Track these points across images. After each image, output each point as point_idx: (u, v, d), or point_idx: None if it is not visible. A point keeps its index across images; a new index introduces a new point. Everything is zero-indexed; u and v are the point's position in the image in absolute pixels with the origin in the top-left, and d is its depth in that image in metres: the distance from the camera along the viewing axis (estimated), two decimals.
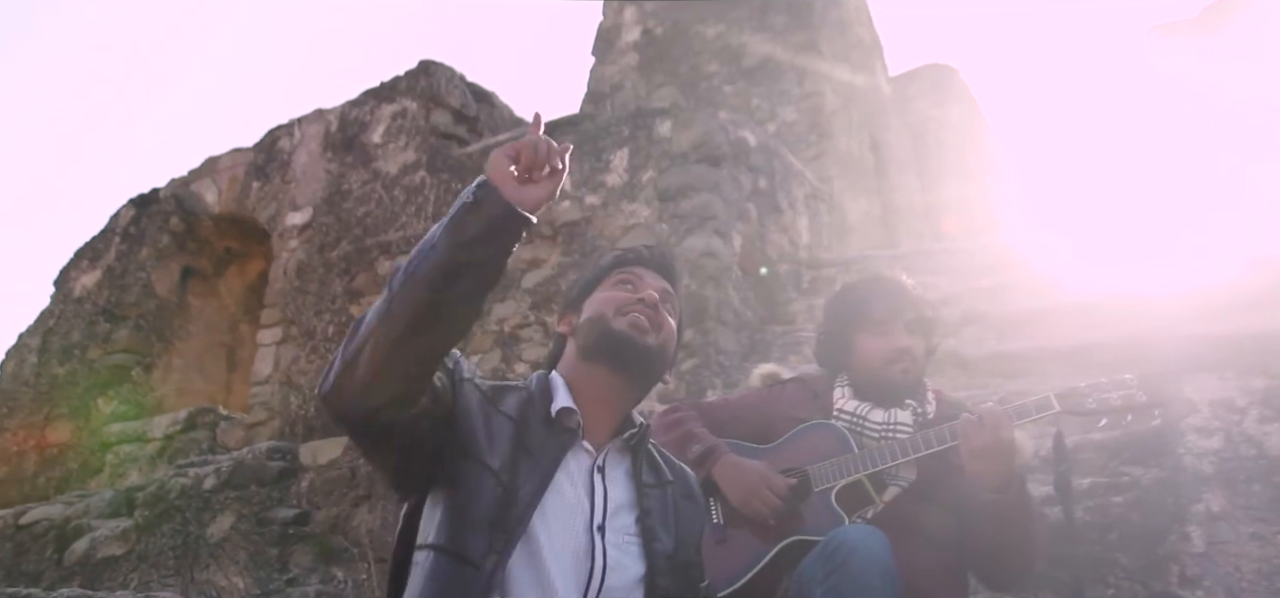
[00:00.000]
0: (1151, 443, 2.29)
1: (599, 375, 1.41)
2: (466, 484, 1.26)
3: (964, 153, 11.97)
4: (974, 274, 4.85)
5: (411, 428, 1.21)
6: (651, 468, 1.47)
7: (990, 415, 1.72)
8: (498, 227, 1.17)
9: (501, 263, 1.19)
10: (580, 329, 1.44)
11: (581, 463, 1.36)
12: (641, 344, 1.40)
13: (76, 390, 6.41)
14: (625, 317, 1.41)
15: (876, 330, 2.01)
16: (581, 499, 1.32)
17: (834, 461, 1.91)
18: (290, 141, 6.61)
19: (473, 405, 1.31)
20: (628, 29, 9.13)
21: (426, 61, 6.33)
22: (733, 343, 4.67)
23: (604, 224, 5.11)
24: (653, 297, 1.43)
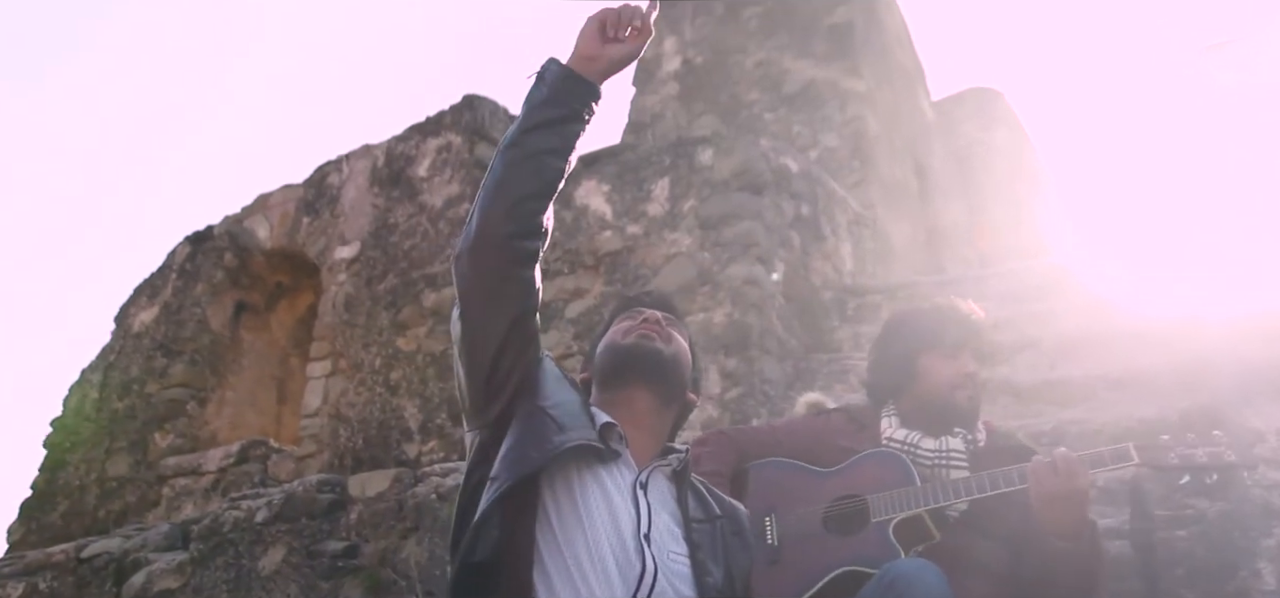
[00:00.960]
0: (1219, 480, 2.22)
1: (623, 398, 1.48)
2: (527, 422, 1.36)
3: (1010, 176, 11.79)
4: (1024, 298, 4.77)
5: (518, 325, 1.38)
6: (699, 502, 1.48)
7: (1064, 462, 1.67)
8: (559, 90, 1.39)
9: (572, 123, 1.40)
10: (597, 365, 1.55)
11: (625, 478, 1.39)
12: (651, 349, 1.49)
13: (135, 424, 6.58)
14: (631, 335, 1.51)
15: (947, 354, 1.98)
16: (626, 510, 1.34)
17: (895, 492, 1.87)
18: (339, 177, 6.76)
19: (549, 371, 1.45)
20: (667, 59, 9.20)
21: (470, 96, 6.44)
22: (777, 371, 4.63)
23: (646, 253, 5.13)
24: (655, 315, 1.54)
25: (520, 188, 1.36)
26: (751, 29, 8.74)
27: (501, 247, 1.35)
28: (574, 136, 1.41)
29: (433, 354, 5.65)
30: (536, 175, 1.37)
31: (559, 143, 1.39)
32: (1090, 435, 2.77)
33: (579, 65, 1.41)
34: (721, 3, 9.09)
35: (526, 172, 1.37)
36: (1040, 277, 5.07)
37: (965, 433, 1.96)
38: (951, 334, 2.00)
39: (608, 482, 1.36)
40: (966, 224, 10.26)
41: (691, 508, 1.44)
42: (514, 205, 1.35)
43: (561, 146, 1.39)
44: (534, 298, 1.42)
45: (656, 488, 1.42)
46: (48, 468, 6.83)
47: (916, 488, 1.86)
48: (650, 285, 5.01)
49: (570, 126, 1.40)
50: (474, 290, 1.39)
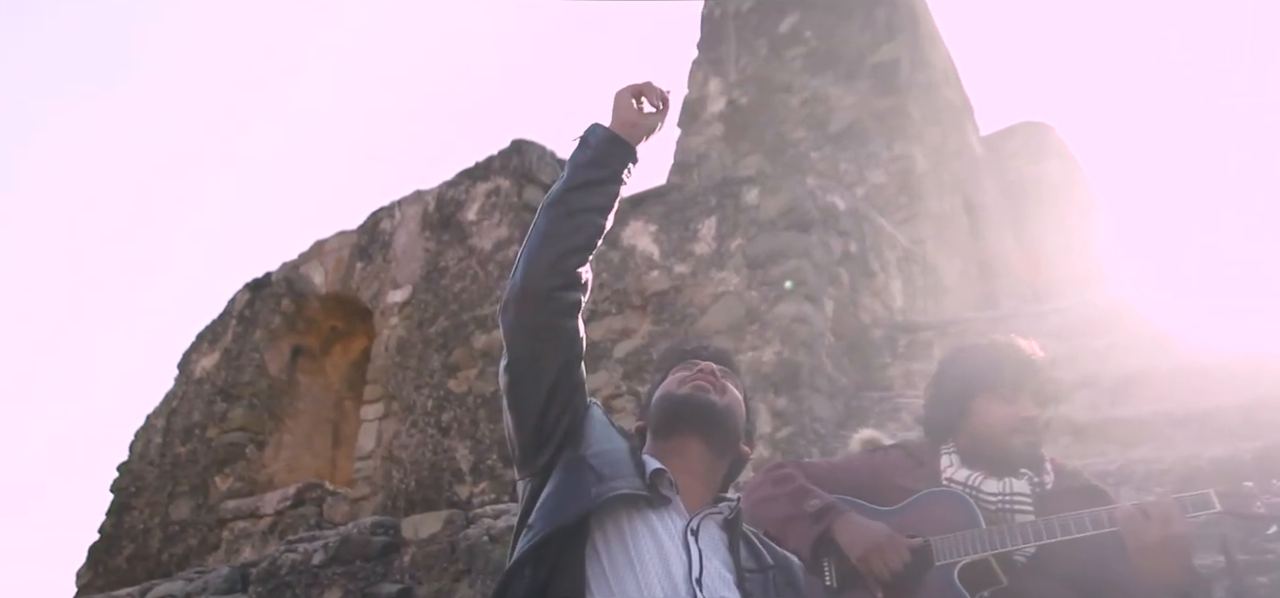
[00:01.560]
0: None
1: (676, 447, 1.49)
2: (568, 472, 1.39)
3: (1063, 209, 11.58)
4: (1081, 334, 4.66)
5: (563, 375, 1.43)
6: (751, 552, 1.47)
7: (1158, 509, 1.59)
8: (603, 152, 1.48)
9: (613, 184, 1.48)
10: (651, 414, 1.57)
11: (676, 524, 1.39)
12: (705, 400, 1.51)
13: (196, 468, 6.75)
14: (686, 386, 1.54)
15: (1003, 396, 1.91)
16: (678, 556, 1.35)
17: (960, 534, 1.80)
18: (391, 222, 6.91)
19: (596, 420, 1.48)
20: (712, 100, 9.27)
21: (518, 140, 6.55)
22: (827, 410, 4.59)
23: (693, 293, 5.14)
24: (710, 366, 1.56)
25: (564, 242, 1.43)
26: (796, 68, 8.78)
27: (546, 299, 1.41)
28: (614, 196, 1.49)
29: (483, 396, 5.71)
30: (579, 231, 1.44)
31: (602, 201, 1.47)
32: (1158, 476, 2.68)
33: (620, 130, 1.50)
34: (765, 43, 9.15)
35: (570, 227, 1.44)
36: (1097, 311, 4.95)
37: (1031, 475, 1.90)
38: (1008, 375, 1.92)
39: (658, 527, 1.36)
40: (1018, 258, 10.09)
41: (744, 558, 1.44)
42: (558, 259, 1.42)
43: (603, 205, 1.47)
44: (578, 347, 1.46)
45: (708, 535, 1.42)
46: (114, 512, 7.03)
47: (982, 531, 1.81)
48: (698, 324, 5.01)
49: (611, 186, 1.49)
50: (520, 341, 1.44)
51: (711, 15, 9.79)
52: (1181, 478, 2.40)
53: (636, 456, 1.46)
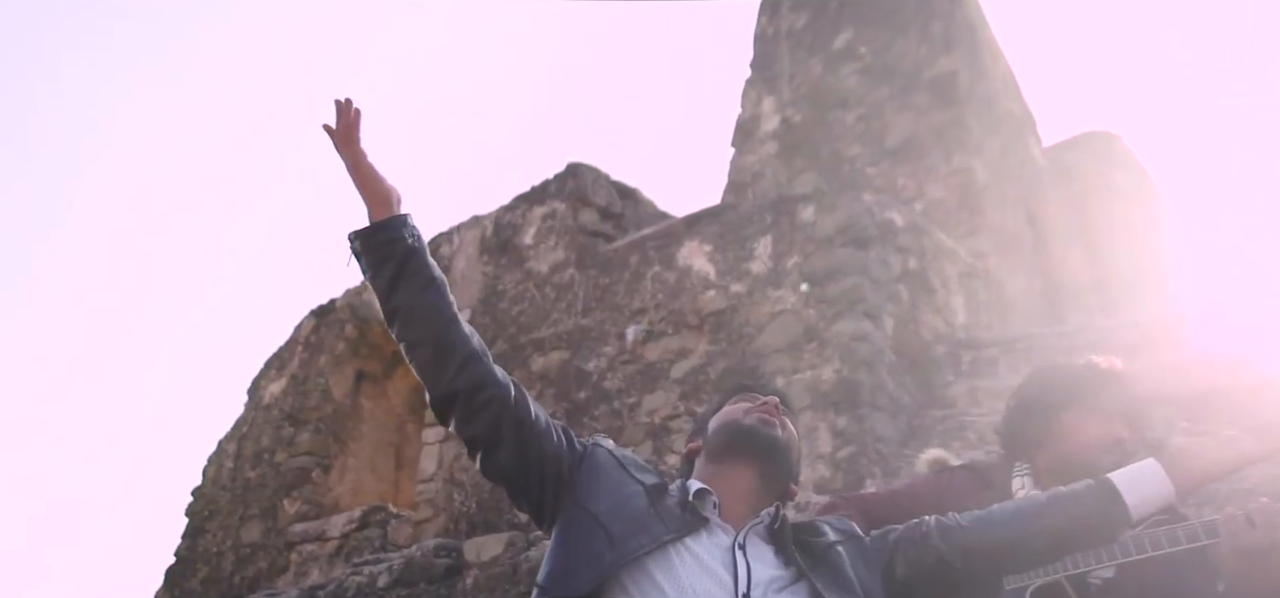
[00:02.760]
0: None
1: (730, 472, 1.46)
2: (574, 531, 1.36)
3: (1131, 220, 11.23)
4: (1155, 349, 4.50)
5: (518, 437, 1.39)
6: (807, 552, 1.42)
7: (1263, 514, 1.52)
8: (373, 250, 1.42)
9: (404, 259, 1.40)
10: (710, 439, 1.53)
11: (719, 541, 1.37)
12: (769, 433, 1.48)
13: (266, 493, 6.93)
14: (752, 416, 1.50)
15: (1098, 412, 1.85)
16: (721, 574, 1.32)
17: None
18: (450, 248, 7.03)
19: (601, 465, 1.43)
20: (766, 119, 9.24)
21: (573, 164, 6.63)
22: (890, 429, 4.51)
23: (750, 312, 5.11)
24: (774, 401, 1.54)
25: (425, 347, 1.39)
26: (850, 85, 8.71)
27: (452, 400, 1.39)
28: (416, 262, 1.41)
29: None
30: (426, 322, 1.39)
31: (414, 281, 1.40)
32: (1242, 493, 2.57)
33: (373, 213, 1.43)
34: (820, 60, 9.10)
35: (417, 327, 1.40)
36: (1169, 326, 4.78)
37: None
38: (1106, 396, 1.86)
39: (697, 551, 1.34)
40: (1085, 272, 9.80)
41: (804, 561, 1.39)
42: (431, 363, 1.39)
43: (417, 279, 1.40)
44: (515, 407, 1.40)
45: (754, 548, 1.39)
46: (189, 535, 7.26)
47: None
48: (755, 344, 4.98)
49: (407, 263, 1.41)
50: (463, 435, 1.43)
51: (764, 34, 9.78)
52: (1266, 494, 2.30)
53: (658, 494, 1.40)
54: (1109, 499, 1.41)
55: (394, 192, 1.45)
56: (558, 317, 6.04)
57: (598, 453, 1.46)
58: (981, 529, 1.46)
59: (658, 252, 5.71)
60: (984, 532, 1.46)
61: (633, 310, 5.63)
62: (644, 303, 5.59)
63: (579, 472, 1.42)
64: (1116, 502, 1.40)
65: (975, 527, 1.47)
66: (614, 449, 1.49)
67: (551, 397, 5.77)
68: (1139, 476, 1.43)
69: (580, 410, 5.58)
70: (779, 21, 9.66)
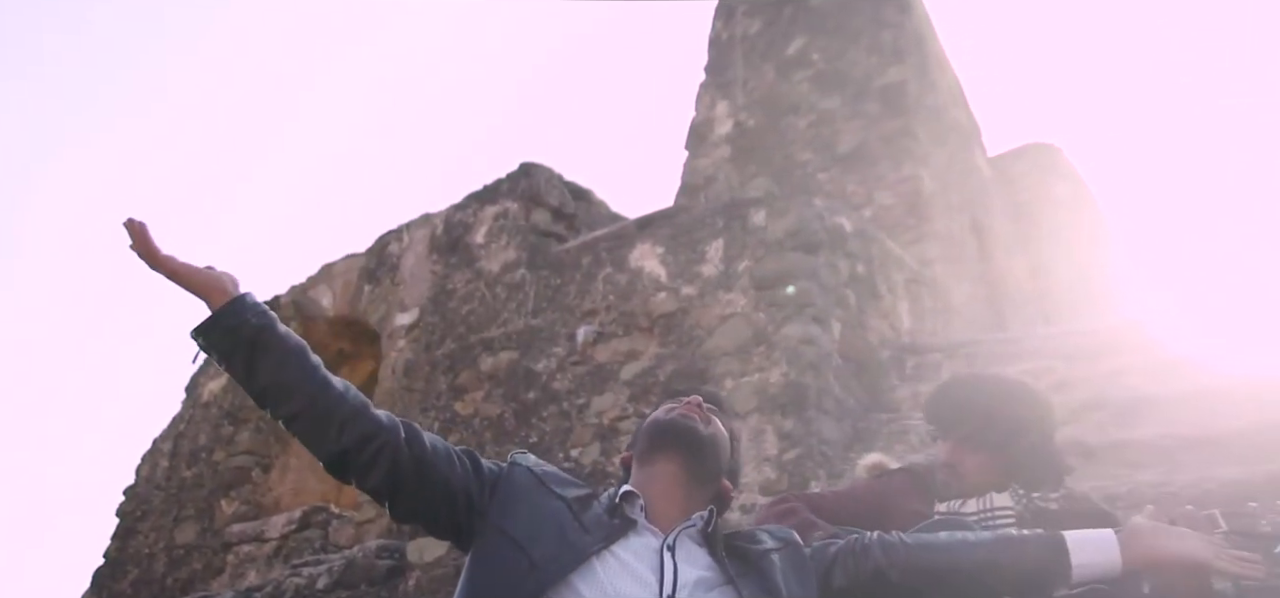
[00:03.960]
0: None
1: (657, 471, 1.47)
2: (490, 555, 1.35)
3: (1072, 231, 11.55)
4: (1091, 357, 4.63)
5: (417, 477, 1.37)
6: (738, 558, 1.42)
7: (1188, 521, 1.56)
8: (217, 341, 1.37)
9: (253, 339, 1.35)
10: (637, 442, 1.55)
11: (647, 543, 1.37)
12: (689, 425, 1.49)
13: (202, 492, 6.75)
14: (673, 413, 1.52)
15: (941, 438, 2.00)
16: (647, 576, 1.32)
17: None
18: (399, 245, 6.93)
19: (519, 484, 1.41)
20: (720, 122, 9.30)
21: (527, 163, 6.58)
22: (835, 432, 4.56)
23: (701, 315, 5.13)
24: (697, 398, 1.55)
25: (299, 415, 1.36)
26: (803, 91, 8.81)
27: (343, 459, 1.37)
28: (265, 340, 1.36)
29: (490, 418, 5.70)
30: (294, 396, 1.35)
31: (268, 360, 1.35)
32: (1169, 499, 2.65)
33: (211, 304, 1.37)
34: (773, 66, 9.19)
35: (287, 402, 1.36)
36: (1106, 333, 4.92)
37: (1016, 488, 1.90)
38: (936, 418, 2.04)
39: (623, 555, 1.34)
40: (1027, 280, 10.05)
41: (732, 567, 1.39)
42: (313, 428, 1.36)
43: (271, 357, 1.35)
44: (407, 447, 1.38)
45: (685, 549, 1.39)
46: (119, 536, 7.03)
47: None
48: (705, 346, 5.00)
49: (256, 346, 1.35)
50: (370, 494, 1.43)
51: (719, 39, 9.84)
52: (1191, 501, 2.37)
53: (582, 506, 1.39)
54: (1055, 553, 1.41)
55: (226, 277, 1.39)
56: (508, 317, 5.99)
57: (515, 472, 1.44)
58: (923, 550, 1.47)
59: (610, 253, 5.70)
60: (925, 553, 1.47)
61: (584, 312, 5.61)
62: (595, 304, 5.58)
63: (493, 495, 1.40)
64: (1061, 558, 1.41)
65: (917, 547, 1.48)
66: (535, 466, 1.47)
67: (500, 397, 5.72)
68: (1091, 541, 1.43)
69: (529, 411, 5.54)
70: (733, 27, 9.73)
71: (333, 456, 1.37)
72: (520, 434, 5.50)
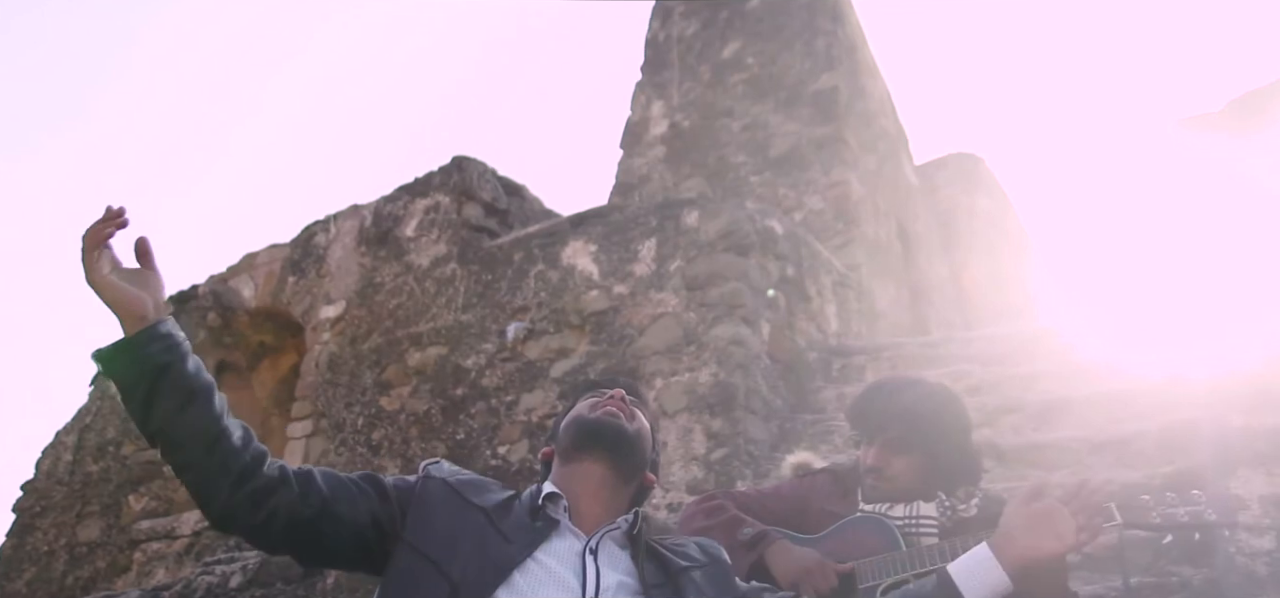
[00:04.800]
0: (1201, 543, 2.21)
1: (582, 470, 1.45)
2: (405, 578, 1.28)
3: (992, 239, 11.93)
4: (1008, 361, 4.78)
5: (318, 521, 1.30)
6: (659, 566, 1.41)
7: None
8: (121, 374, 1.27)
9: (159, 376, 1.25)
10: (560, 439, 1.53)
11: (570, 546, 1.35)
12: (615, 424, 1.48)
13: (109, 488, 6.46)
14: (597, 410, 1.51)
15: (865, 441, 2.05)
16: (569, 580, 1.30)
17: (881, 558, 1.87)
18: (326, 236, 6.76)
19: (433, 499, 1.36)
20: (655, 122, 9.32)
21: (459, 157, 6.49)
22: (762, 432, 4.61)
23: (632, 313, 5.13)
24: (620, 393, 1.55)
25: (189, 466, 1.26)
26: (738, 93, 8.90)
27: (231, 518, 1.28)
28: (170, 378, 1.25)
29: (416, 414, 5.61)
30: (188, 444, 1.26)
31: (168, 401, 1.24)
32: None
33: (125, 327, 1.27)
34: (708, 68, 9.25)
35: (179, 450, 1.26)
36: (1024, 339, 5.09)
37: (943, 499, 1.95)
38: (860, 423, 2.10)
39: (544, 558, 1.31)
40: (949, 286, 10.34)
41: (650, 574, 1.38)
42: (203, 482, 1.26)
43: (172, 399, 1.25)
44: (306, 501, 1.30)
45: (608, 552, 1.38)
46: (16, 533, 6.68)
47: (902, 553, 1.85)
48: (635, 345, 5.00)
49: (158, 382, 1.24)
50: (270, 553, 1.40)
51: (655, 39, 9.87)
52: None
53: (502, 513, 1.35)
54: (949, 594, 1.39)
55: (148, 301, 1.27)
56: (437, 312, 5.90)
57: (429, 487, 1.38)
58: None
59: (542, 250, 5.66)
60: None
61: (514, 308, 5.56)
62: (526, 301, 5.53)
63: (405, 514, 1.34)
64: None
65: None
66: (450, 476, 1.41)
67: (428, 393, 5.63)
68: (976, 567, 1.41)
69: (457, 408, 5.46)
70: (670, 28, 9.77)
71: (220, 516, 1.28)
72: (447, 431, 5.41)
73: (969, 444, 2.04)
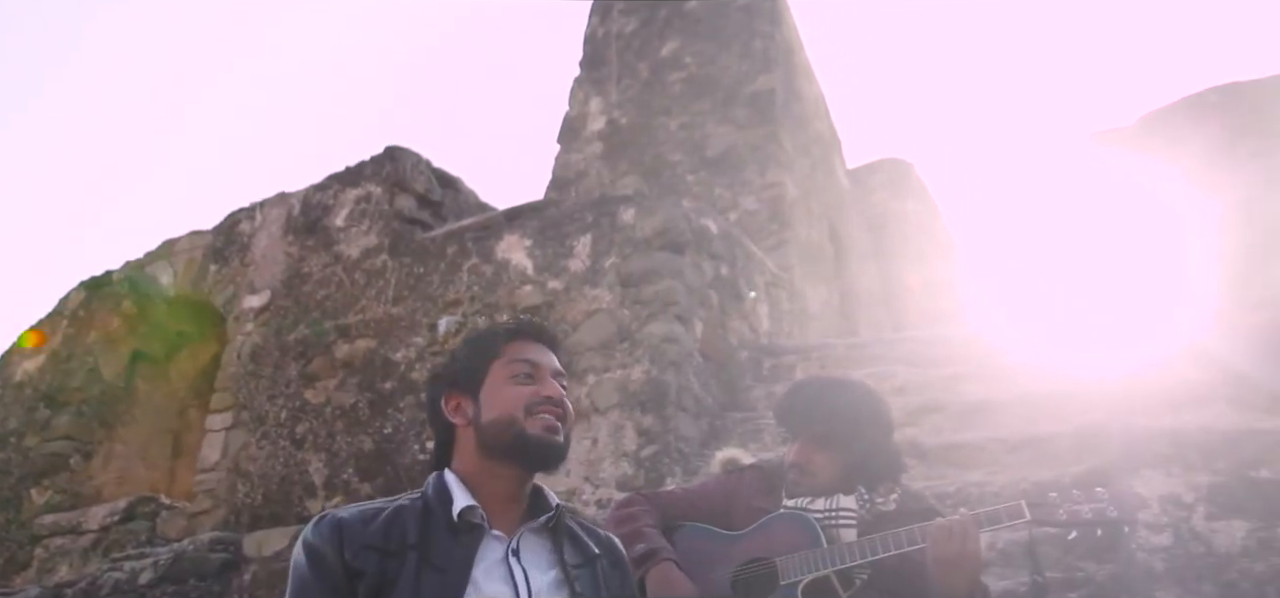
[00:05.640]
0: (1105, 538, 2.31)
1: (503, 473, 1.37)
2: None
3: (921, 244, 12.24)
4: (932, 364, 4.91)
5: None
6: (576, 547, 1.41)
7: (959, 526, 1.72)
8: None
9: None
10: (486, 429, 1.38)
11: (493, 553, 1.30)
12: (557, 446, 1.38)
13: (9, 480, 6.15)
14: (537, 419, 1.38)
15: (790, 437, 2.09)
16: (500, 589, 1.27)
17: (802, 554, 1.89)
18: (251, 224, 6.56)
19: (371, 570, 1.24)
20: (593, 119, 9.30)
21: (392, 147, 6.36)
22: (693, 429, 4.64)
23: (566, 309, 5.10)
24: (559, 392, 1.42)
25: None
26: (675, 93, 8.93)
27: None
28: None
29: (342, 407, 5.48)
30: None
31: None
32: (990, 497, 2.85)
33: None
34: (647, 66, 9.27)
35: None
36: (948, 343, 5.24)
37: (862, 492, 1.99)
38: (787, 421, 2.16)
39: (476, 575, 1.27)
40: (879, 289, 10.57)
41: (569, 555, 1.37)
42: None
43: None
44: None
45: (531, 548, 1.35)
46: None
47: (824, 550, 1.88)
48: (569, 341, 4.98)
49: None
50: None
51: (594, 35, 9.84)
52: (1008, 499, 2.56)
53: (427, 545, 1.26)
54: None
55: None
56: (366, 304, 5.77)
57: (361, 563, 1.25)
58: None
59: (476, 244, 5.59)
60: None
61: (447, 302, 5.48)
62: (459, 294, 5.45)
63: None
64: None
65: None
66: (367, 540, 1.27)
67: (355, 386, 5.51)
68: None
69: (385, 401, 5.36)
70: (610, 24, 9.75)
71: None
72: (374, 425, 5.31)
73: (890, 443, 2.09)
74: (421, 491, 1.38)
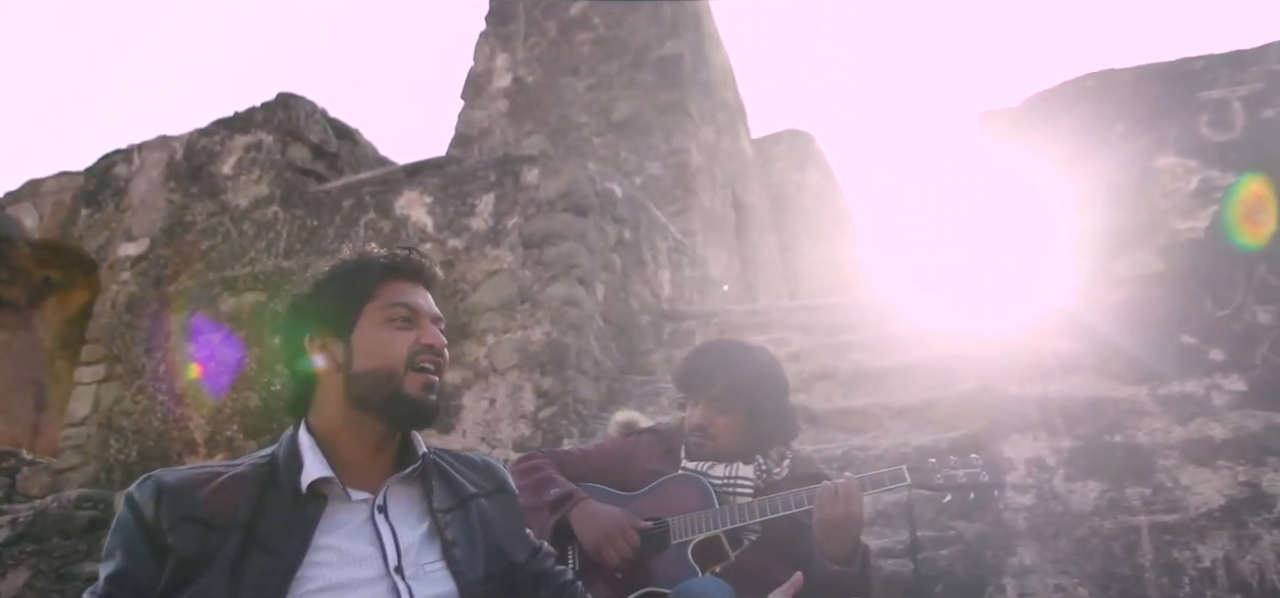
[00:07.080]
0: (977, 500, 2.45)
1: (371, 425, 1.26)
2: None
3: (820, 215, 12.56)
4: (826, 332, 5.06)
5: None
6: (448, 488, 1.33)
7: (845, 489, 1.78)
8: None
9: None
10: (357, 379, 1.26)
11: (354, 514, 1.21)
12: (431, 405, 1.28)
13: None
14: (418, 374, 1.27)
15: (691, 401, 2.12)
16: (366, 551, 1.19)
17: (695, 515, 1.94)
18: (128, 168, 6.18)
19: (187, 546, 1.13)
20: (499, 75, 9.12)
21: (285, 94, 6.08)
22: (592, 392, 4.66)
23: (466, 268, 5.02)
24: (440, 340, 1.31)
25: None
26: (583, 53, 8.85)
27: None
28: None
29: (227, 362, 5.26)
30: None
31: None
32: (873, 460, 2.98)
33: None
34: (555, 24, 9.14)
35: None
36: (841, 311, 5.41)
37: (760, 461, 2.05)
38: (687, 382, 2.19)
39: (330, 542, 1.17)
40: (778, 258, 10.81)
41: (438, 500, 1.29)
42: None
43: None
44: None
45: (398, 502, 1.27)
46: None
47: (715, 511, 1.93)
48: (469, 300, 4.91)
49: None
50: None
51: None
52: (891, 462, 2.68)
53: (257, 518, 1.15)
54: None
55: None
56: (255, 256, 5.53)
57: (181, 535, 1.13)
58: None
59: (374, 198, 5.42)
60: None
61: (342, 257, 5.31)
62: (355, 250, 5.29)
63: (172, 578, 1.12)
64: None
65: None
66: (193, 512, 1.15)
67: (239, 340, 5.29)
68: None
69: (274, 357, 5.17)
70: None
71: None
72: (261, 380, 5.12)
73: (787, 406, 2.15)
74: (271, 452, 1.26)
